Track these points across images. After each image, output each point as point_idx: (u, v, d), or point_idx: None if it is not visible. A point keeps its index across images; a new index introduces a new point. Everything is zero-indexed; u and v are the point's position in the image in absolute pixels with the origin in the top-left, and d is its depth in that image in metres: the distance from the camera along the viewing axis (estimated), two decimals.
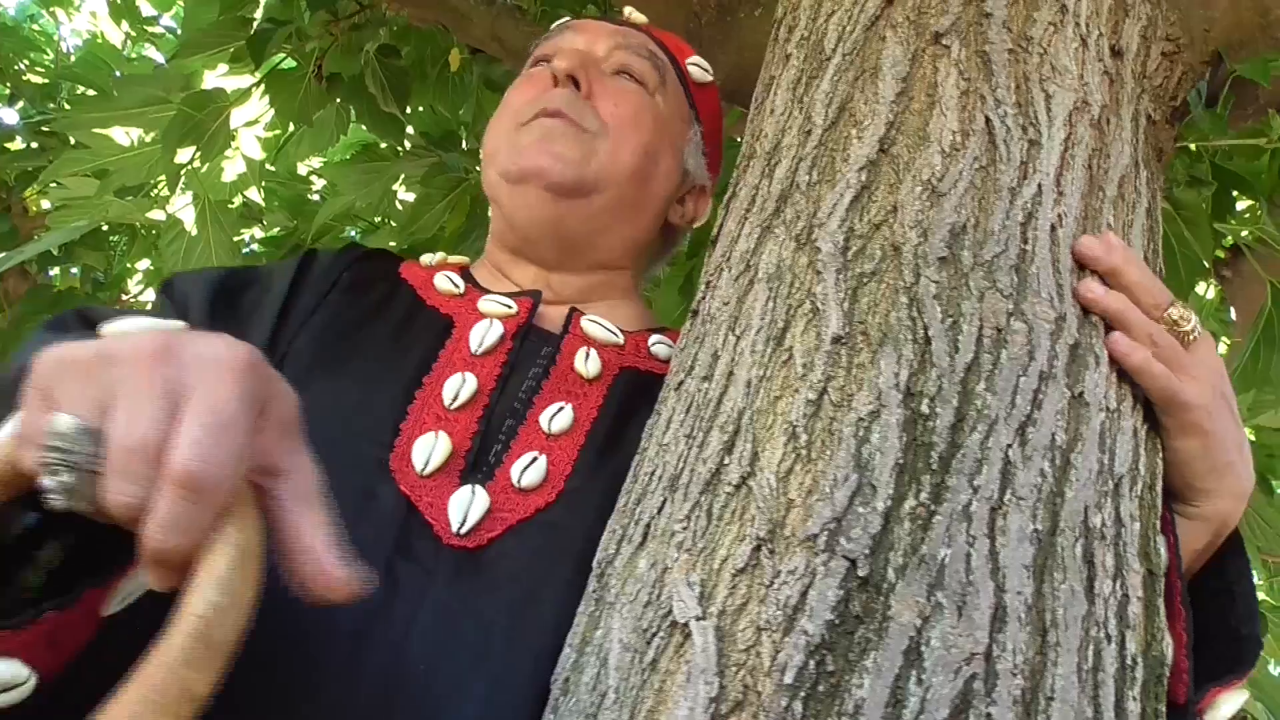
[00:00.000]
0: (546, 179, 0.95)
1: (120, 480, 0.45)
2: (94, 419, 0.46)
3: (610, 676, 0.60)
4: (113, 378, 0.47)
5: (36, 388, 0.48)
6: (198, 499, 0.45)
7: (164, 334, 0.50)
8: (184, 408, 0.47)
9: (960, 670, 0.56)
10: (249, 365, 0.50)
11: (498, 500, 0.78)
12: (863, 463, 0.63)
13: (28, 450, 0.48)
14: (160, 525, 0.44)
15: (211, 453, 0.45)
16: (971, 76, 0.84)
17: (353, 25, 2.27)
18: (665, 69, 1.07)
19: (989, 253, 0.74)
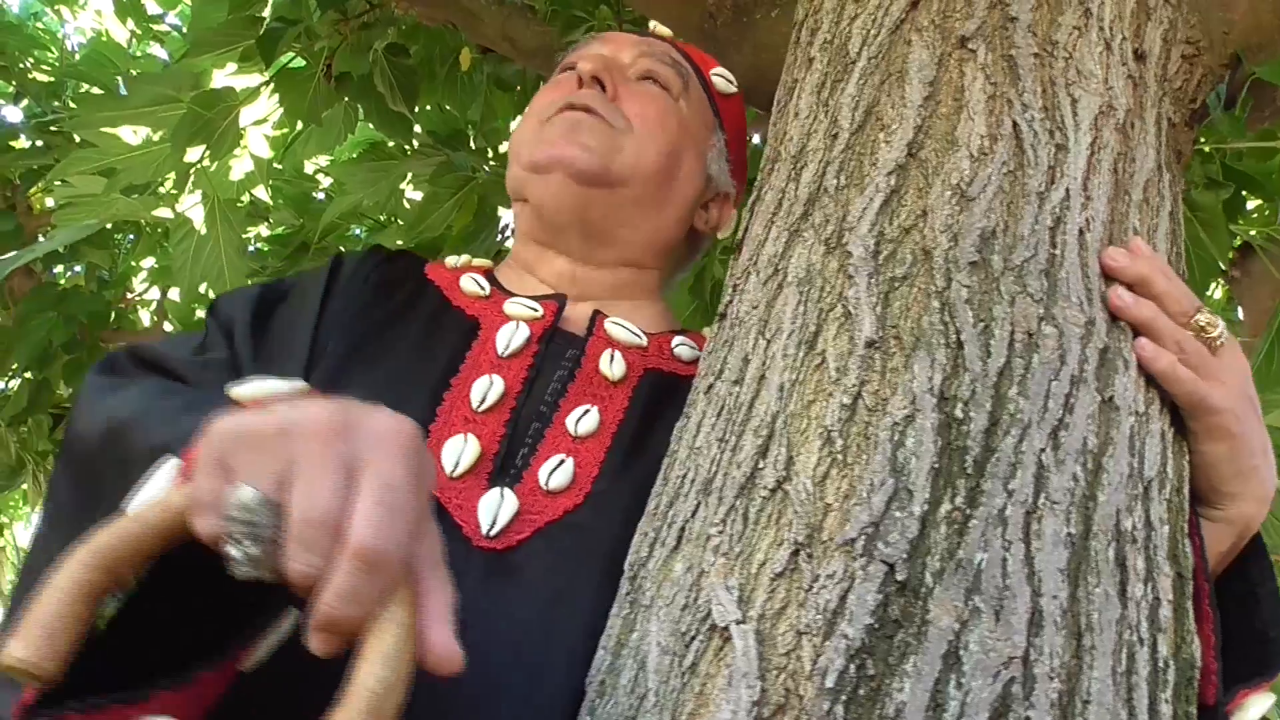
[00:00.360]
0: (572, 166, 0.96)
1: (302, 551, 0.47)
2: (274, 492, 0.49)
3: (649, 679, 0.61)
4: (292, 452, 0.49)
5: (213, 457, 0.50)
6: (374, 572, 0.47)
7: (339, 408, 0.52)
8: (360, 483, 0.49)
9: (999, 674, 0.57)
10: (415, 441, 0.52)
11: (526, 502, 0.78)
12: (899, 467, 0.63)
13: (207, 517, 0.50)
14: (338, 595, 0.47)
15: (389, 529, 0.48)
16: (998, 81, 0.85)
17: (362, 24, 2.26)
18: (689, 76, 1.09)
19: (1019, 257, 0.74)
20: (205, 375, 0.85)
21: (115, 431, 0.71)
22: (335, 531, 0.48)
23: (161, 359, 0.87)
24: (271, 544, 0.48)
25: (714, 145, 1.10)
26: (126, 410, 0.73)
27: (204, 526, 0.50)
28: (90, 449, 0.73)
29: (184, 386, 0.82)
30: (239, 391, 0.62)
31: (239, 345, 0.90)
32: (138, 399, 0.75)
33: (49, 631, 0.47)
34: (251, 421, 0.51)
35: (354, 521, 0.48)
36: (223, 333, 0.91)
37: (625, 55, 1.08)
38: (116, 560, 0.50)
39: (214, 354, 0.88)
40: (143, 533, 0.51)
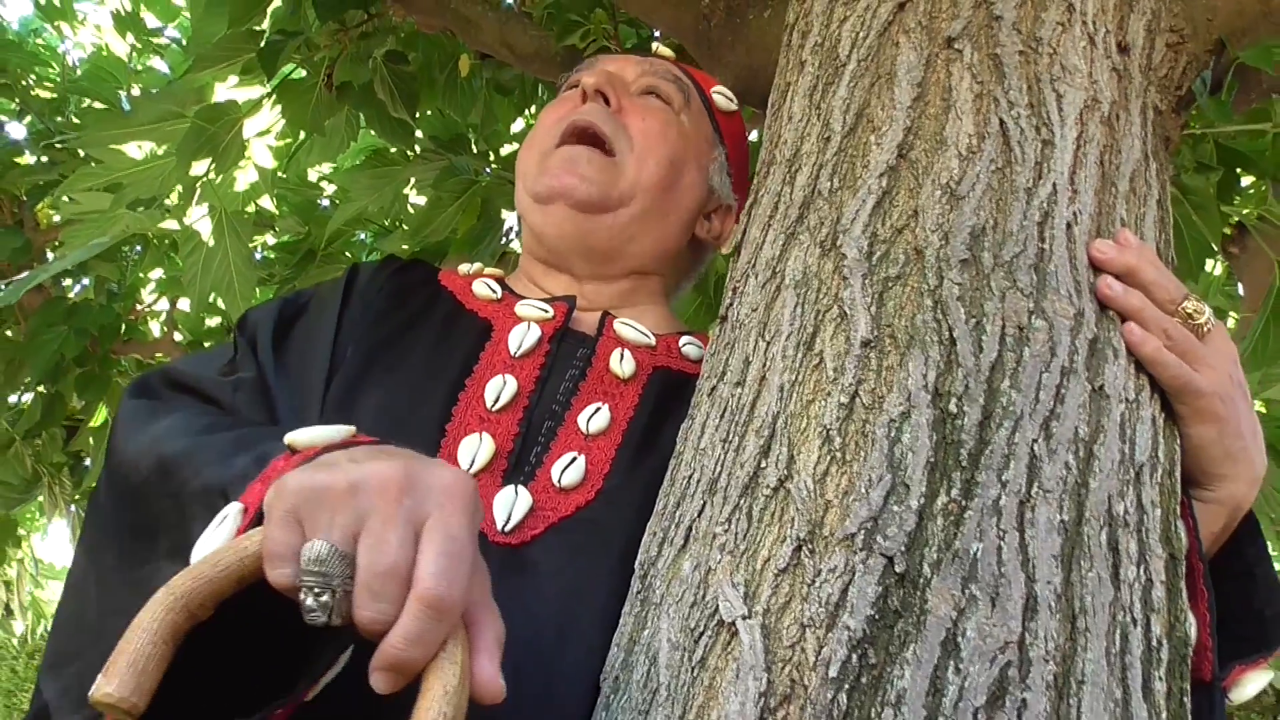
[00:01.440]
0: (573, 197, 0.99)
1: (373, 600, 0.52)
2: (345, 545, 0.54)
3: (660, 674, 0.63)
4: (360, 508, 0.55)
5: (287, 510, 0.55)
6: (439, 618, 0.52)
7: (402, 464, 0.57)
8: (424, 535, 0.54)
9: (995, 659, 0.59)
10: (472, 492, 0.58)
11: (539, 499, 0.81)
12: (896, 462, 0.65)
13: (282, 568, 0.54)
14: (406, 639, 0.52)
15: (453, 577, 0.53)
16: (984, 79, 0.87)
17: (361, 34, 2.29)
18: (689, 92, 1.12)
19: (1008, 253, 0.76)
20: (237, 397, 0.88)
21: (165, 466, 0.75)
22: (402, 580, 0.53)
23: (194, 381, 0.90)
24: (343, 593, 0.53)
25: (715, 159, 1.12)
26: (174, 444, 0.76)
27: (278, 577, 0.55)
28: (141, 481, 0.77)
29: (220, 414, 0.85)
30: (294, 439, 0.67)
31: (263, 359, 0.93)
32: (183, 432, 0.78)
33: (136, 670, 0.51)
34: (322, 479, 0.56)
35: (420, 571, 0.53)
36: (250, 348, 0.95)
37: (629, 73, 1.11)
38: (195, 602, 0.55)
39: (244, 373, 0.91)
40: (218, 576, 0.56)
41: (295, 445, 0.67)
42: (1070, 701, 0.60)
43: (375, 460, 0.58)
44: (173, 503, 0.73)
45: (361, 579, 0.53)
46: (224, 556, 0.56)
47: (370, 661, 0.53)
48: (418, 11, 2.12)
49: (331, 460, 0.60)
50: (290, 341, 0.96)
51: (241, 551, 0.56)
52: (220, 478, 0.70)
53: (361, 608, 0.53)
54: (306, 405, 0.88)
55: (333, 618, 0.53)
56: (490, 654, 0.56)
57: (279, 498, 0.56)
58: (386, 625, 0.53)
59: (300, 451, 0.67)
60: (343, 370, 0.91)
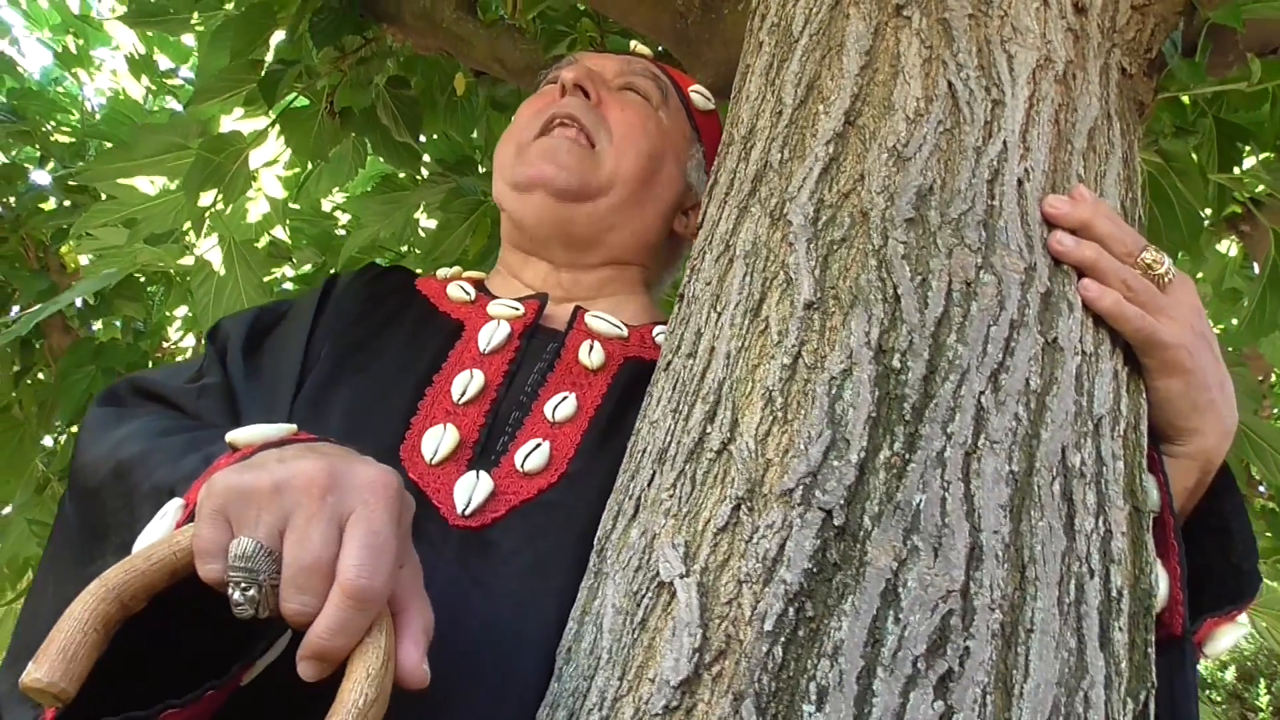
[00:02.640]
0: (552, 185, 1.00)
1: (298, 593, 0.55)
2: (271, 541, 0.56)
3: (604, 639, 0.63)
4: (286, 505, 0.57)
5: (215, 509, 0.57)
6: (361, 608, 0.54)
7: (326, 462, 0.59)
8: (347, 530, 0.56)
9: (937, 607, 0.58)
10: (395, 488, 0.59)
11: (502, 484, 0.81)
12: (836, 419, 0.65)
13: (210, 563, 0.56)
14: (329, 629, 0.53)
15: (374, 569, 0.55)
16: (933, 44, 0.86)
17: (359, 59, 2.32)
18: (667, 89, 1.13)
19: (955, 211, 0.76)
20: (201, 403, 0.89)
21: (121, 468, 0.77)
22: (326, 574, 0.55)
23: (159, 389, 0.92)
24: (270, 587, 0.55)
25: (693, 155, 1.13)
26: (132, 448, 0.78)
27: (207, 572, 0.56)
28: (97, 482, 0.79)
29: (183, 419, 0.86)
30: (233, 437, 0.69)
31: (231, 367, 0.94)
32: (141, 436, 0.80)
33: (66, 657, 0.53)
34: (247, 479, 0.58)
35: (342, 564, 0.55)
36: (218, 356, 0.96)
37: (608, 70, 1.12)
38: (128, 594, 0.56)
39: (209, 379, 0.92)
40: (151, 569, 0.57)
41: (235, 443, 0.68)
42: (1018, 650, 0.59)
43: (301, 459, 0.59)
44: (124, 503, 0.75)
45: (286, 574, 0.55)
46: (157, 550, 0.58)
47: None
48: (411, 33, 2.16)
49: (261, 460, 0.61)
50: (264, 348, 0.97)
51: (174, 546, 0.58)
52: (169, 477, 0.72)
53: (287, 601, 0.55)
54: (274, 407, 0.89)
55: (260, 611, 0.55)
56: (416, 641, 0.58)
57: (208, 496, 0.58)
58: (311, 617, 0.54)
59: (241, 449, 0.68)
60: (314, 372, 0.92)
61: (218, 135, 2.33)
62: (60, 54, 4.07)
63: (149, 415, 0.86)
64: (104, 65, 4.00)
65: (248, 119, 2.56)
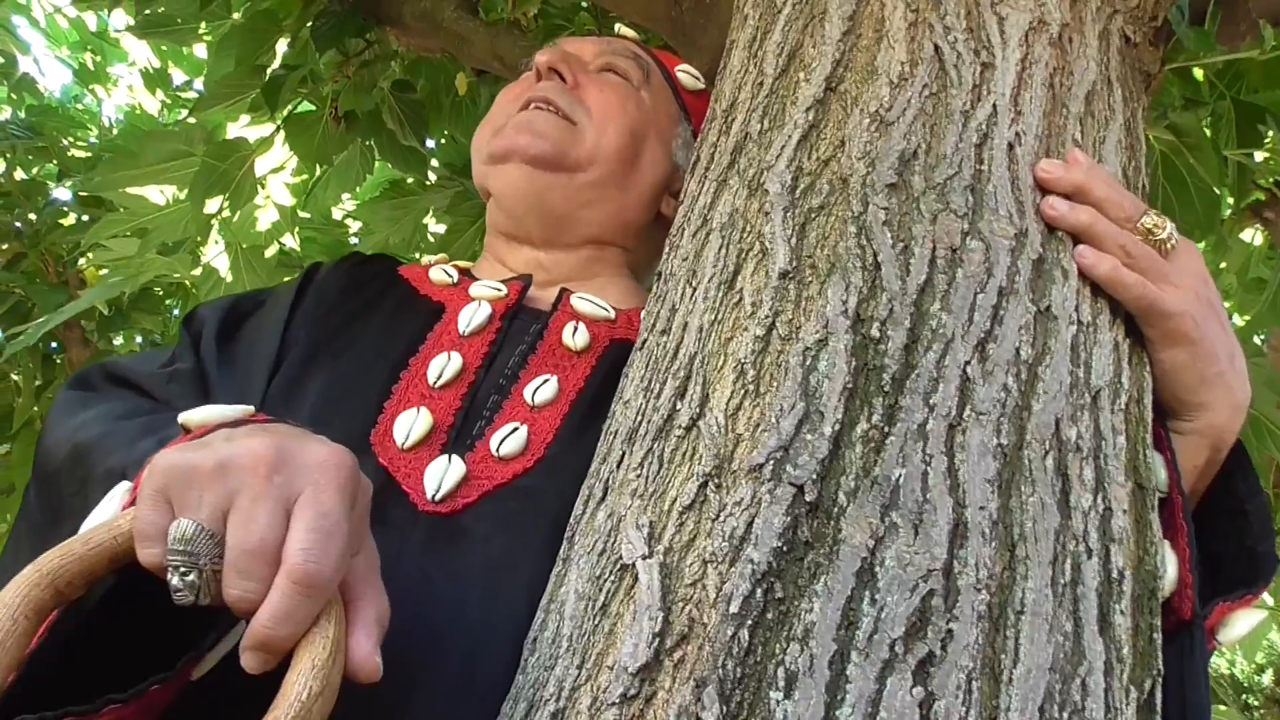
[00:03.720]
0: (526, 153, 0.97)
1: (240, 579, 0.51)
2: (213, 524, 0.52)
3: (566, 626, 0.60)
4: (230, 485, 0.53)
5: (155, 489, 0.54)
6: (308, 594, 0.50)
7: (274, 440, 0.55)
8: (295, 512, 0.52)
9: (917, 587, 0.54)
10: (348, 468, 0.56)
11: (475, 469, 0.78)
12: (810, 390, 0.61)
13: (149, 547, 0.53)
14: (274, 617, 0.50)
15: (323, 554, 0.51)
16: (919, 8, 0.82)
17: (362, 63, 2.31)
18: (649, 68, 1.09)
19: (941, 175, 0.72)
20: (171, 389, 0.87)
21: (78, 452, 0.74)
22: (271, 559, 0.51)
23: (129, 374, 0.89)
24: (212, 573, 0.51)
25: (679, 135, 1.09)
26: (90, 431, 0.76)
27: (147, 556, 0.53)
28: (56, 466, 0.76)
29: (148, 404, 0.84)
30: (186, 418, 0.65)
31: (204, 353, 0.91)
32: (101, 419, 0.77)
33: None
34: (190, 458, 0.54)
35: (288, 548, 0.51)
36: (192, 342, 0.93)
37: (587, 52, 1.09)
38: (63, 579, 0.53)
39: (180, 364, 0.90)
40: (89, 554, 0.54)
41: (189, 424, 0.65)
42: (1007, 633, 0.55)
43: (248, 438, 0.56)
44: (79, 488, 0.72)
45: (229, 557, 0.51)
46: (95, 534, 0.55)
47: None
48: (413, 34, 2.14)
49: (207, 440, 0.58)
50: (239, 335, 0.95)
51: (114, 530, 0.55)
52: (122, 460, 0.69)
53: (229, 586, 0.51)
54: (247, 394, 0.87)
55: (200, 597, 0.51)
56: (368, 631, 0.54)
57: (150, 477, 0.55)
58: (255, 604, 0.51)
59: (193, 431, 0.65)
60: (289, 359, 0.89)
61: (223, 141, 2.32)
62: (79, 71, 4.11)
63: (114, 399, 0.83)
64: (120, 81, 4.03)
65: (253, 125, 2.56)
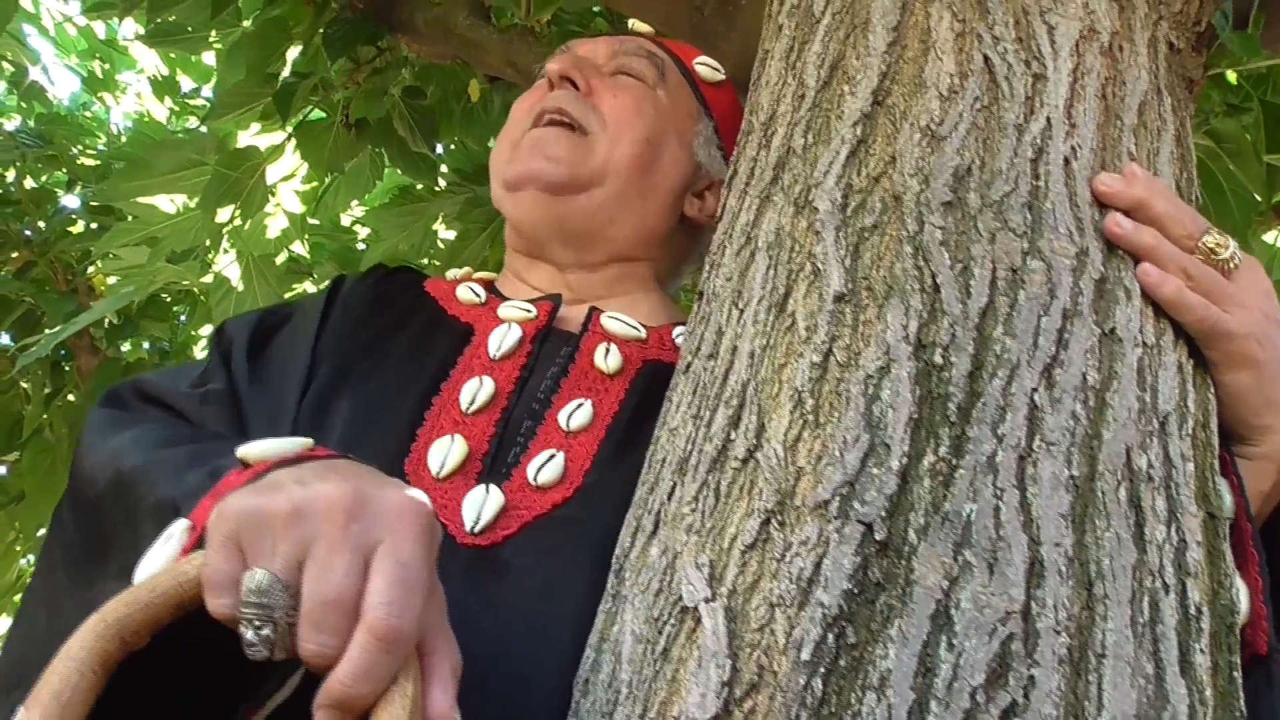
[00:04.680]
0: (541, 179, 0.95)
1: (317, 632, 0.48)
2: (288, 574, 0.50)
3: (624, 671, 0.57)
4: (306, 534, 0.51)
5: (226, 536, 0.51)
6: (389, 650, 0.48)
7: (350, 485, 0.53)
8: (375, 562, 0.50)
9: (995, 631, 0.52)
10: (426, 516, 0.54)
11: (514, 498, 0.76)
12: (874, 421, 0.59)
13: (221, 598, 0.50)
14: (354, 674, 0.47)
15: (405, 607, 0.49)
16: (966, 17, 0.80)
17: (374, 70, 2.29)
18: (665, 65, 1.06)
19: (997, 192, 0.69)
20: (205, 409, 0.85)
21: (122, 480, 0.72)
22: (350, 611, 0.49)
23: (163, 393, 0.87)
24: (286, 625, 0.49)
25: (700, 132, 1.06)
26: (133, 458, 0.73)
27: (218, 607, 0.50)
28: (98, 493, 0.74)
29: (186, 426, 0.82)
30: (246, 452, 0.63)
31: (236, 370, 0.90)
32: (142, 445, 0.75)
33: (61, 702, 0.48)
34: (262, 503, 0.52)
35: (369, 601, 0.49)
36: (222, 360, 0.91)
37: (600, 54, 1.06)
38: (129, 629, 0.51)
39: (213, 384, 0.88)
40: (155, 602, 0.52)
41: (247, 459, 0.63)
42: (1089, 678, 0.52)
43: (322, 481, 0.53)
44: (125, 519, 0.70)
45: (305, 609, 0.49)
46: (161, 581, 0.52)
47: (316, 695, 0.48)
48: (425, 41, 2.12)
49: (277, 481, 0.55)
50: (269, 351, 0.93)
51: (180, 576, 0.52)
52: (172, 493, 0.66)
53: (305, 640, 0.48)
54: (280, 414, 0.85)
55: (275, 652, 0.49)
56: (444, 686, 0.52)
57: (219, 521, 0.52)
58: (332, 660, 0.48)
59: (253, 465, 0.62)
60: (318, 379, 0.88)
61: (234, 150, 2.31)
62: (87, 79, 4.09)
63: (151, 422, 0.81)
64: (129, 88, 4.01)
65: (264, 134, 2.54)
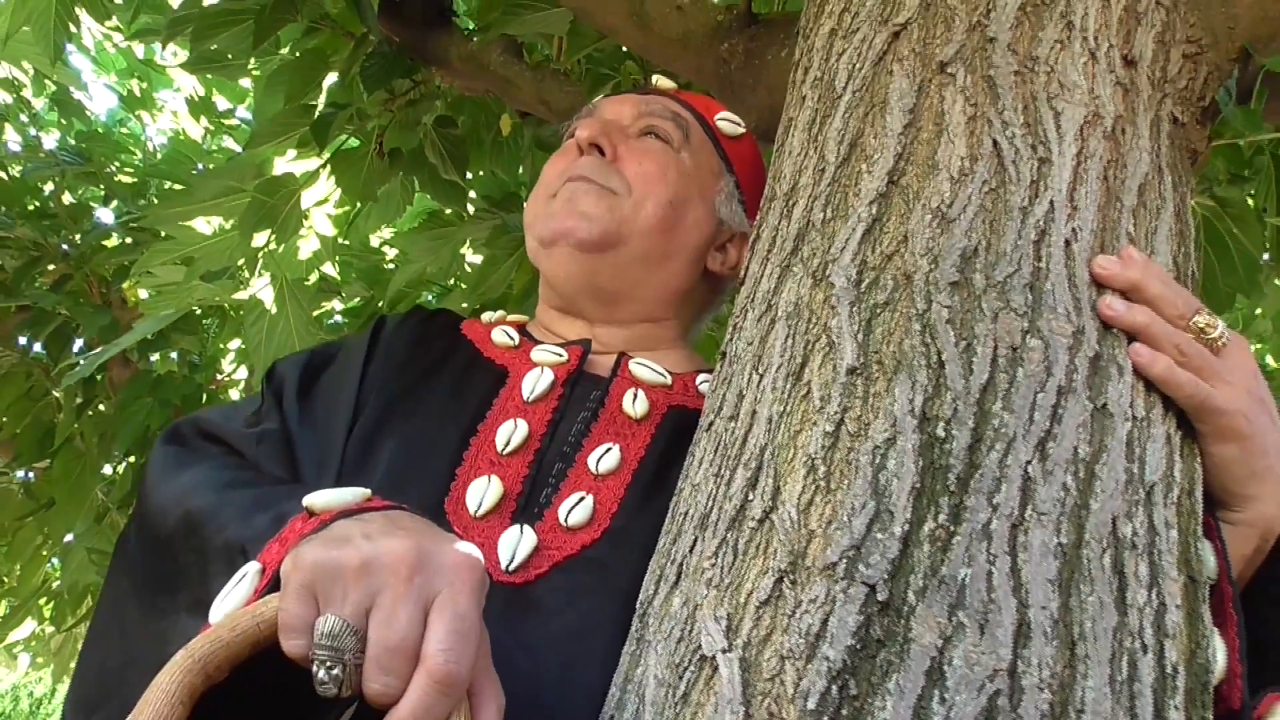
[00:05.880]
0: (574, 237, 1.00)
1: (382, 674, 0.55)
2: (356, 620, 0.57)
3: (646, 712, 0.63)
4: (374, 585, 0.58)
5: (302, 584, 0.58)
6: (446, 692, 0.55)
7: (414, 542, 0.60)
8: (434, 612, 0.57)
9: (984, 687, 0.57)
10: (479, 570, 0.61)
11: (545, 539, 0.81)
12: (880, 489, 0.64)
13: (295, 640, 0.57)
14: (413, 713, 0.54)
15: (460, 654, 0.56)
16: (978, 102, 0.86)
17: (408, 101, 2.37)
18: (689, 126, 1.11)
19: (1001, 273, 0.75)
20: (260, 449, 0.91)
21: (191, 520, 0.79)
22: (411, 656, 0.55)
23: (221, 432, 0.94)
24: (354, 666, 0.56)
25: (722, 189, 1.12)
26: (201, 499, 0.80)
27: (293, 648, 0.57)
28: (169, 532, 0.80)
29: (246, 468, 0.88)
30: (311, 502, 0.69)
31: (287, 410, 0.96)
32: (210, 488, 0.82)
33: None
34: (335, 555, 0.59)
35: (428, 648, 0.55)
36: (276, 399, 0.98)
37: (625, 115, 1.12)
38: (212, 664, 0.58)
39: (267, 424, 0.94)
40: (235, 640, 0.59)
41: (313, 508, 0.69)
42: None
43: (388, 537, 0.61)
44: (196, 558, 0.76)
45: (372, 653, 0.56)
46: (240, 621, 0.59)
47: None
48: (459, 75, 2.19)
49: (346, 534, 0.62)
50: (316, 391, 0.99)
51: (258, 618, 0.59)
52: (240, 535, 0.73)
53: (371, 681, 0.55)
54: (328, 455, 0.91)
55: (343, 690, 0.56)
56: None
57: (295, 570, 0.59)
58: (394, 698, 0.55)
59: (317, 514, 0.69)
60: (362, 419, 0.93)
61: (271, 178, 2.38)
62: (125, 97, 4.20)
63: (213, 462, 0.87)
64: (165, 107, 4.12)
65: (300, 160, 2.62)
